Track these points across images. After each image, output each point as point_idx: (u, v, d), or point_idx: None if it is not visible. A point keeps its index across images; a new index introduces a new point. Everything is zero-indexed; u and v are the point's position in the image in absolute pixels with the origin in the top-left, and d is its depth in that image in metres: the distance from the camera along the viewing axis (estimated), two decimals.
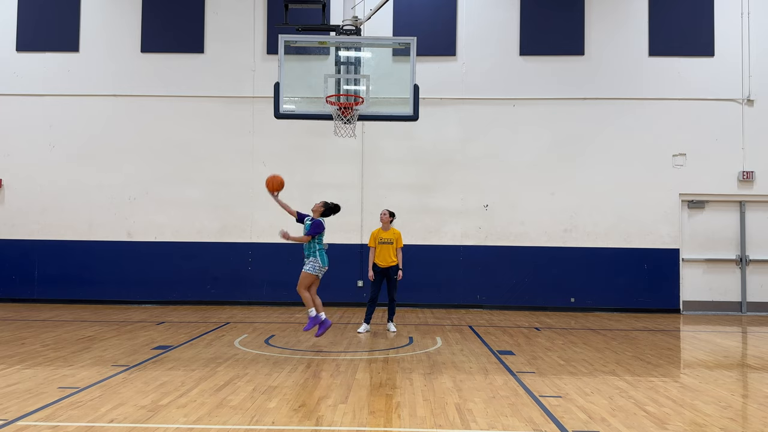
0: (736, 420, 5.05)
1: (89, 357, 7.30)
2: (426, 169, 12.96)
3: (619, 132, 12.89)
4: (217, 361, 7.13)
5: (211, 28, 13.23)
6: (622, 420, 4.99)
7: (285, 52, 8.64)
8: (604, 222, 12.81)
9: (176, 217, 13.02)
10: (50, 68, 13.22)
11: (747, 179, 12.73)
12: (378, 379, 6.34)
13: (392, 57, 9.24)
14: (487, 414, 5.10)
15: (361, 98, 8.60)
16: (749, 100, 12.81)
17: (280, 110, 8.68)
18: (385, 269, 9.44)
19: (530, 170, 12.93)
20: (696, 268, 12.84)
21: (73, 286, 12.90)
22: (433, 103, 12.78)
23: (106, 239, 13.00)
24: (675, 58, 12.90)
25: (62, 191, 13.09)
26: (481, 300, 12.74)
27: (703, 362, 7.60)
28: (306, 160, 13.03)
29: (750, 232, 12.82)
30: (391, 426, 4.77)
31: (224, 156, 13.08)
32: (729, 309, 12.72)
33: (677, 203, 12.84)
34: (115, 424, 4.72)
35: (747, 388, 6.34)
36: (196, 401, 5.37)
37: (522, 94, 13.00)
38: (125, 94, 13.17)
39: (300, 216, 8.65)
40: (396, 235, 9.52)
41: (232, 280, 12.89)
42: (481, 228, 12.89)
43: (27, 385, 5.90)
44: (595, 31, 13.02)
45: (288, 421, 4.83)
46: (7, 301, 12.87)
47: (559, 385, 6.15)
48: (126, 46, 13.24)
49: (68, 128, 13.16)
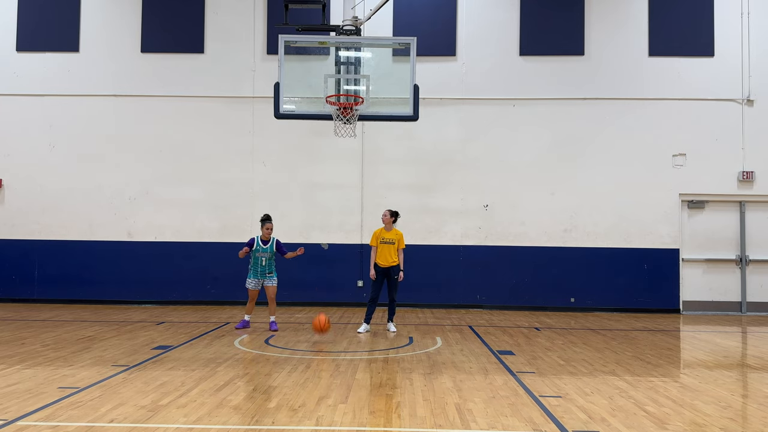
0: (736, 420, 5.06)
1: (89, 357, 7.30)
2: (426, 169, 12.97)
3: (619, 132, 12.90)
4: (217, 361, 7.13)
5: (211, 28, 13.23)
6: (622, 420, 4.99)
7: (285, 52, 8.63)
8: (604, 222, 12.81)
9: (176, 217, 13.02)
10: (50, 68, 13.23)
11: (747, 179, 12.73)
12: (378, 379, 6.34)
13: (392, 57, 9.24)
14: (487, 414, 5.11)
15: (361, 98, 8.60)
16: (749, 100, 12.81)
17: (280, 110, 8.68)
18: (386, 269, 9.44)
19: (530, 170, 12.93)
20: (696, 268, 12.84)
21: (73, 286, 12.90)
22: (433, 103, 12.79)
23: (106, 239, 13.00)
24: (675, 58, 12.91)
25: (62, 191, 13.09)
26: (481, 300, 12.74)
27: (703, 362, 7.60)
28: (306, 160, 13.03)
29: (750, 232, 12.82)
30: (391, 426, 4.77)
31: (224, 156, 13.08)
32: (729, 309, 12.72)
33: (677, 203, 12.84)
34: (115, 424, 4.72)
35: (747, 388, 6.34)
36: (196, 401, 5.37)
37: (522, 94, 13.00)
38: (125, 95, 13.17)
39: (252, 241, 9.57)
40: (398, 236, 9.53)
41: (232, 280, 12.84)
42: (481, 228, 12.89)
43: (27, 385, 5.90)
44: (595, 31, 13.02)
45: (288, 421, 4.83)
46: (7, 301, 12.87)
47: (559, 385, 6.15)
48: (126, 46, 13.24)
49: (68, 128, 13.16)
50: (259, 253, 9.40)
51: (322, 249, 12.45)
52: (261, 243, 9.43)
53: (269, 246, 9.47)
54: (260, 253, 9.40)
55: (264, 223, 9.51)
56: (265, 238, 9.48)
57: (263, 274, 9.48)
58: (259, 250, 9.40)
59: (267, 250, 9.43)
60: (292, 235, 12.89)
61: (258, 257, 9.42)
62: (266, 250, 9.42)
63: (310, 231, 12.93)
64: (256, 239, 9.44)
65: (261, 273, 9.47)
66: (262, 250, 9.41)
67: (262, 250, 9.40)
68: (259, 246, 9.42)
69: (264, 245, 9.43)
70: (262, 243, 9.44)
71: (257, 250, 9.40)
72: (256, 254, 9.41)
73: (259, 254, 9.40)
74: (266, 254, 9.43)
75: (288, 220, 12.95)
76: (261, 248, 9.41)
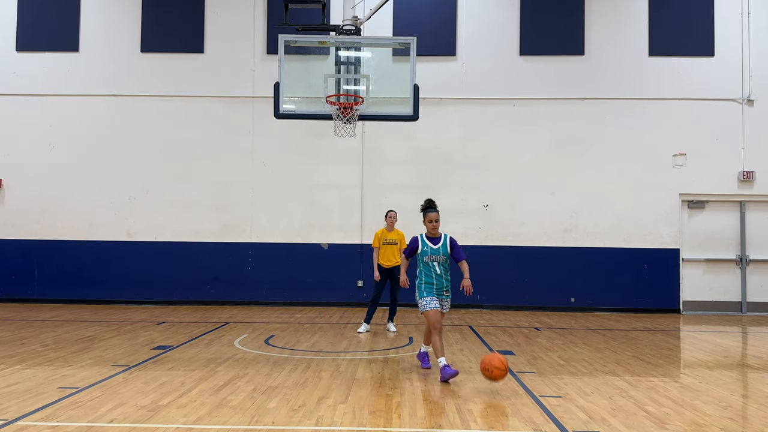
0: (736, 420, 5.05)
1: (89, 357, 7.30)
2: (426, 169, 12.96)
3: (619, 132, 12.89)
4: (217, 361, 7.13)
5: (211, 28, 13.23)
6: (622, 420, 4.98)
7: (285, 52, 8.63)
8: (604, 222, 12.81)
9: (176, 217, 13.02)
10: (50, 68, 13.22)
11: (747, 179, 12.73)
12: (378, 379, 6.34)
13: (392, 57, 9.24)
14: (487, 414, 5.10)
15: (361, 98, 8.59)
16: (749, 100, 12.81)
17: (280, 110, 8.67)
18: (389, 269, 9.45)
19: (530, 170, 12.93)
20: (696, 268, 12.84)
21: (73, 286, 12.90)
22: (433, 103, 12.78)
23: (106, 239, 13.00)
24: (675, 58, 12.90)
25: (62, 191, 13.09)
26: (481, 300, 12.74)
27: (703, 362, 7.60)
28: (306, 160, 13.02)
29: (750, 232, 12.82)
30: (391, 426, 4.76)
31: (224, 156, 13.08)
32: (729, 309, 12.71)
33: (677, 203, 12.83)
34: (115, 424, 4.71)
35: (747, 388, 6.34)
36: (196, 401, 5.37)
37: (522, 94, 13.00)
38: (125, 94, 13.17)
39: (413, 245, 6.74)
40: (400, 236, 9.54)
41: (232, 280, 12.89)
42: (481, 228, 12.89)
43: (27, 385, 5.90)
44: (595, 31, 13.01)
45: (288, 421, 4.83)
46: (7, 301, 12.87)
47: (559, 385, 6.15)
48: (126, 46, 13.24)
49: (68, 128, 13.16)
50: (429, 257, 6.54)
51: (322, 249, 12.46)
52: (428, 242, 6.60)
53: (441, 246, 6.58)
54: (430, 256, 6.54)
55: (426, 213, 6.64)
56: (433, 234, 6.60)
57: (440, 291, 6.56)
58: (427, 252, 6.56)
59: (438, 251, 6.56)
60: (292, 235, 12.91)
61: (428, 264, 6.55)
62: (437, 251, 6.56)
63: (310, 231, 12.92)
64: (420, 238, 6.65)
65: (438, 288, 6.55)
66: (432, 252, 6.56)
67: (431, 251, 6.56)
68: (427, 246, 6.59)
69: (433, 245, 6.58)
70: (430, 242, 6.59)
71: (425, 253, 6.56)
72: (424, 258, 6.55)
73: (429, 258, 6.54)
74: (438, 257, 6.55)
75: (288, 220, 12.95)
76: (430, 249, 6.56)
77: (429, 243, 6.58)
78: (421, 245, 6.58)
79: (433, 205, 6.68)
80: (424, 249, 6.55)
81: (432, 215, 6.58)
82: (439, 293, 6.56)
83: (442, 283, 6.57)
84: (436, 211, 6.63)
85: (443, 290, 6.59)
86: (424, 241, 6.59)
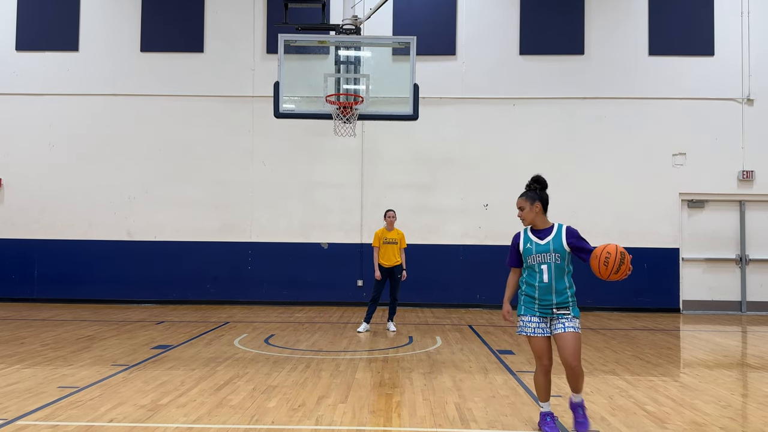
0: (736, 419, 5.05)
1: (89, 356, 7.30)
2: (426, 169, 12.96)
3: (619, 131, 12.89)
4: (216, 361, 7.13)
5: (210, 28, 13.22)
6: (622, 419, 4.98)
7: (285, 52, 8.63)
8: (604, 221, 12.80)
9: (176, 217, 13.01)
10: (50, 68, 13.21)
11: (747, 179, 12.73)
12: (378, 378, 6.33)
13: (392, 56, 9.25)
14: (487, 413, 5.10)
15: (361, 97, 8.59)
16: (749, 100, 12.80)
17: (279, 109, 8.67)
18: (389, 269, 9.46)
19: (530, 169, 12.76)
20: (696, 267, 12.84)
21: (73, 286, 12.90)
22: (433, 103, 12.78)
23: (106, 239, 13.00)
24: (675, 58, 12.90)
25: (62, 190, 13.08)
26: (481, 299, 12.73)
27: (702, 362, 7.60)
28: (306, 159, 13.02)
29: (750, 232, 12.82)
30: (391, 425, 4.76)
31: (224, 155, 13.07)
32: (729, 308, 12.71)
33: (677, 203, 12.83)
34: (114, 423, 4.71)
35: (747, 388, 6.34)
36: (196, 401, 5.36)
37: (522, 94, 13.00)
38: (125, 94, 13.16)
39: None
40: (400, 235, 9.56)
41: (231, 279, 12.89)
42: (481, 227, 12.88)
43: (26, 384, 5.89)
44: (595, 30, 13.01)
45: (288, 420, 4.83)
46: (6, 301, 12.86)
47: (559, 384, 6.14)
48: (125, 46, 13.23)
49: (68, 128, 13.15)
50: (533, 257, 4.53)
51: (322, 248, 12.45)
52: (532, 236, 4.60)
53: (552, 239, 4.52)
54: (534, 255, 4.53)
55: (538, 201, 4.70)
56: (539, 226, 4.60)
57: (546, 307, 4.48)
58: (531, 251, 4.55)
59: (547, 248, 4.51)
60: (291, 234, 12.91)
61: (532, 267, 4.55)
62: (545, 248, 4.51)
63: (310, 230, 12.92)
64: (523, 233, 4.67)
65: (543, 304, 4.50)
66: (538, 250, 4.52)
67: (536, 249, 4.53)
68: (531, 242, 4.58)
69: (540, 239, 4.56)
70: (536, 236, 4.59)
71: (527, 252, 4.57)
72: (527, 259, 4.58)
73: (534, 259, 4.53)
74: (547, 256, 4.49)
75: (288, 219, 12.95)
76: (534, 246, 4.55)
77: (534, 238, 4.57)
78: (523, 242, 4.60)
79: (534, 186, 4.79)
80: (527, 247, 4.55)
81: (518, 201, 4.69)
82: (545, 311, 4.46)
83: (550, 297, 4.43)
84: (525, 195, 4.71)
85: (551, 306, 4.44)
86: (527, 236, 4.60)
